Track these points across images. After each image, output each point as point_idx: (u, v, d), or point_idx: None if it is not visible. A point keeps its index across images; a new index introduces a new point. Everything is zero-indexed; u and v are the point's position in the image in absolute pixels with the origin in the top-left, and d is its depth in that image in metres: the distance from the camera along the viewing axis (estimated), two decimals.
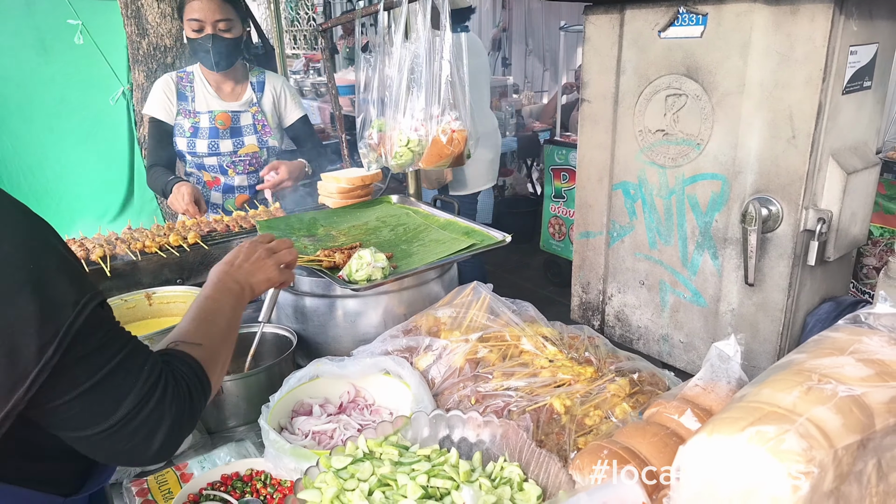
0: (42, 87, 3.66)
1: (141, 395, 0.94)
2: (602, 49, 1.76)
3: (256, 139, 2.81)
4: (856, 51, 1.40)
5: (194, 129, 2.74)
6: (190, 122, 2.75)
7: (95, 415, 0.92)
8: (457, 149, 1.88)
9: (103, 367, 0.91)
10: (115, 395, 0.92)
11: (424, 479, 1.10)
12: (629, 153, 1.77)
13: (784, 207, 1.48)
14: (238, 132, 2.79)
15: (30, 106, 3.63)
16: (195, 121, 2.75)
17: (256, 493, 1.31)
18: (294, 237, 2.05)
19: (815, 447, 0.81)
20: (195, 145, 2.73)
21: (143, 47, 3.40)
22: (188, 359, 1.08)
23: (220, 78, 2.79)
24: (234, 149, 2.77)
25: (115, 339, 0.95)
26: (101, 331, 0.92)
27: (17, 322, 0.83)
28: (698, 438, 0.89)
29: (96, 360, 0.91)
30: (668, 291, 1.78)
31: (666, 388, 1.49)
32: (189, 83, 2.80)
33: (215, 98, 2.79)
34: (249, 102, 2.82)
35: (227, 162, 2.78)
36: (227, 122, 2.74)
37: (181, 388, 1.01)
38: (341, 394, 1.58)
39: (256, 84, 2.87)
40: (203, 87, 2.80)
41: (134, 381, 0.94)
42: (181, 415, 0.99)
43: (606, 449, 1.12)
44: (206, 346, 1.13)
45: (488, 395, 1.44)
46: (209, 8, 2.53)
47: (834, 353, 1.01)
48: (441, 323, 1.69)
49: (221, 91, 2.82)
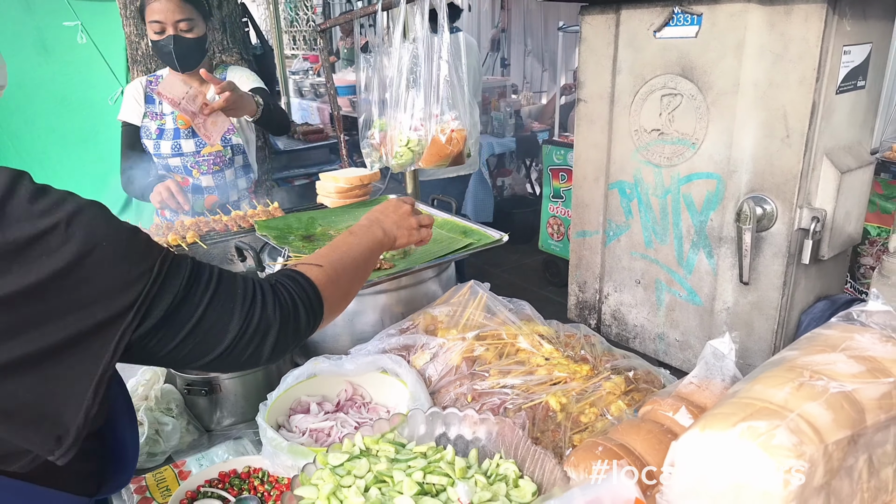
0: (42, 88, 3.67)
1: (243, 315, 0.98)
2: (598, 49, 1.77)
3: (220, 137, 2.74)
4: (849, 50, 1.41)
5: (160, 131, 2.73)
6: (156, 125, 2.74)
7: (209, 345, 0.96)
8: (456, 148, 1.90)
9: (199, 306, 0.94)
10: (220, 324, 0.96)
11: (420, 475, 1.11)
12: (625, 152, 1.78)
13: (778, 206, 1.49)
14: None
15: (30, 106, 3.64)
16: (161, 123, 2.74)
17: (254, 490, 1.32)
18: (292, 237, 2.06)
19: (805, 442, 0.82)
20: (160, 147, 2.72)
21: (142, 48, 3.40)
22: (299, 276, 1.11)
23: (187, 77, 2.71)
24: (196, 149, 2.73)
25: (200, 275, 0.97)
26: (181, 276, 0.94)
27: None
28: (691, 434, 0.90)
29: (191, 300, 0.94)
30: (663, 290, 1.79)
31: (661, 386, 1.49)
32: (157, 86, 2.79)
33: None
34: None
35: (190, 162, 2.74)
36: (187, 121, 2.68)
37: (282, 298, 1.04)
38: (339, 392, 1.59)
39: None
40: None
41: (233, 306, 0.98)
42: (286, 322, 1.03)
43: (601, 446, 1.12)
44: (327, 267, 1.16)
45: (485, 392, 1.45)
46: (168, 9, 2.49)
47: (826, 349, 1.02)
48: (438, 321, 1.70)
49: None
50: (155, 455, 1.50)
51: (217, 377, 1.58)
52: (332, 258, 1.21)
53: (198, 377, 1.61)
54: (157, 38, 2.55)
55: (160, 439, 1.52)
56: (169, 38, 2.52)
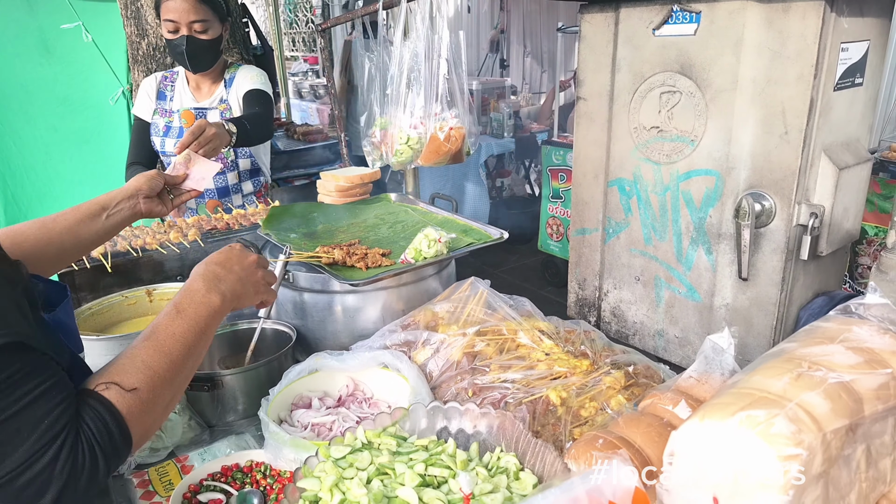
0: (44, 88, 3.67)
1: (30, 453, 0.83)
2: (597, 47, 1.78)
3: None
4: (847, 48, 1.42)
5: (167, 128, 2.72)
6: (164, 121, 2.73)
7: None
8: (454, 146, 1.91)
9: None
10: (2, 447, 0.82)
11: (422, 467, 1.11)
12: (624, 150, 1.79)
13: (777, 202, 1.50)
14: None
15: (32, 106, 3.64)
16: (169, 120, 2.72)
17: (256, 483, 1.33)
18: (294, 234, 2.07)
19: (804, 431, 0.83)
20: (165, 144, 2.71)
21: (143, 48, 3.42)
22: (108, 412, 0.91)
23: (200, 77, 2.75)
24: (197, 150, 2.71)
25: (20, 384, 0.84)
26: (4, 372, 0.83)
27: None
28: (690, 423, 0.91)
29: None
30: (662, 287, 1.80)
31: (661, 381, 1.50)
32: (171, 83, 2.78)
33: (190, 97, 2.75)
34: (219, 99, 2.75)
35: None
36: (190, 119, 2.67)
37: (80, 451, 0.87)
38: (340, 387, 1.60)
39: (228, 80, 2.78)
40: (182, 87, 2.76)
41: (27, 435, 0.83)
42: (74, 481, 0.86)
43: (602, 438, 1.13)
44: (144, 391, 0.96)
45: (485, 387, 1.46)
46: (183, 8, 2.47)
47: (824, 341, 1.03)
48: (439, 317, 1.71)
49: (199, 90, 2.77)
50: (157, 450, 1.51)
51: (219, 372, 1.59)
52: (156, 371, 0.99)
53: (200, 372, 1.62)
54: (171, 36, 2.53)
55: (162, 435, 1.52)
56: (182, 38, 2.51)
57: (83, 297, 2.02)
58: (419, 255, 1.75)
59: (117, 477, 1.41)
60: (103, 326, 1.91)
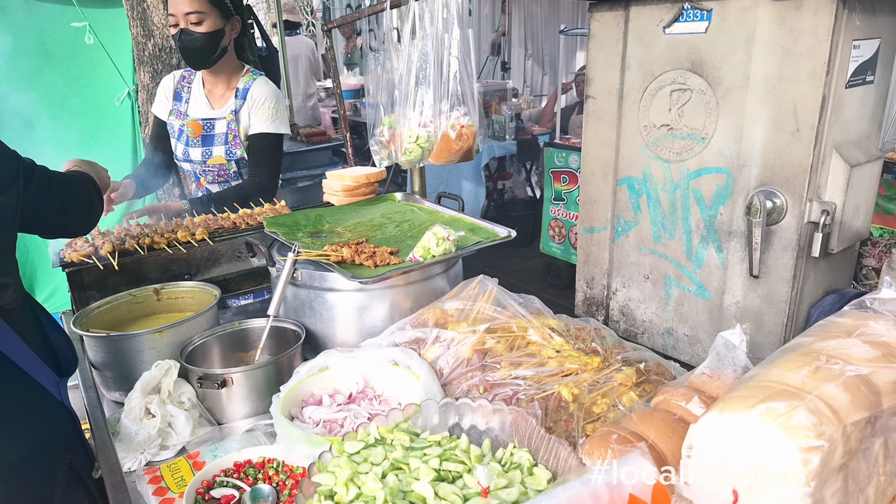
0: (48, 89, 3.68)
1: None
2: (607, 46, 1.78)
3: (225, 151, 2.66)
4: (859, 45, 1.43)
5: (179, 132, 2.69)
6: (179, 124, 2.69)
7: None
8: (465, 144, 1.91)
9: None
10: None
11: (437, 462, 1.11)
12: (634, 148, 1.79)
13: (788, 200, 1.50)
14: (210, 141, 2.65)
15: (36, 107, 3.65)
16: (182, 123, 2.68)
17: (269, 479, 1.32)
18: (300, 233, 2.06)
19: (824, 422, 0.83)
20: (177, 147, 2.70)
21: (149, 48, 3.42)
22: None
23: (212, 80, 2.67)
24: (202, 158, 2.66)
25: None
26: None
27: None
28: (709, 416, 0.91)
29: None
30: (672, 285, 1.80)
31: (671, 378, 1.50)
32: (188, 83, 2.74)
33: (204, 101, 2.70)
34: (230, 110, 2.67)
35: (198, 170, 2.69)
36: (196, 130, 2.62)
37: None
38: (350, 385, 1.59)
39: (241, 91, 2.68)
40: (198, 90, 2.71)
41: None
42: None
43: (616, 434, 1.13)
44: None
45: (496, 384, 1.46)
46: (179, 1, 2.42)
47: (841, 335, 1.03)
48: (448, 315, 1.71)
49: (212, 95, 2.71)
50: (167, 447, 1.51)
51: (228, 371, 1.59)
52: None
53: (210, 370, 1.62)
54: (172, 31, 2.49)
55: (172, 432, 1.53)
56: (178, 33, 2.47)
57: (91, 296, 2.02)
58: (428, 254, 1.75)
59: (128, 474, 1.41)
60: (111, 325, 1.90)
